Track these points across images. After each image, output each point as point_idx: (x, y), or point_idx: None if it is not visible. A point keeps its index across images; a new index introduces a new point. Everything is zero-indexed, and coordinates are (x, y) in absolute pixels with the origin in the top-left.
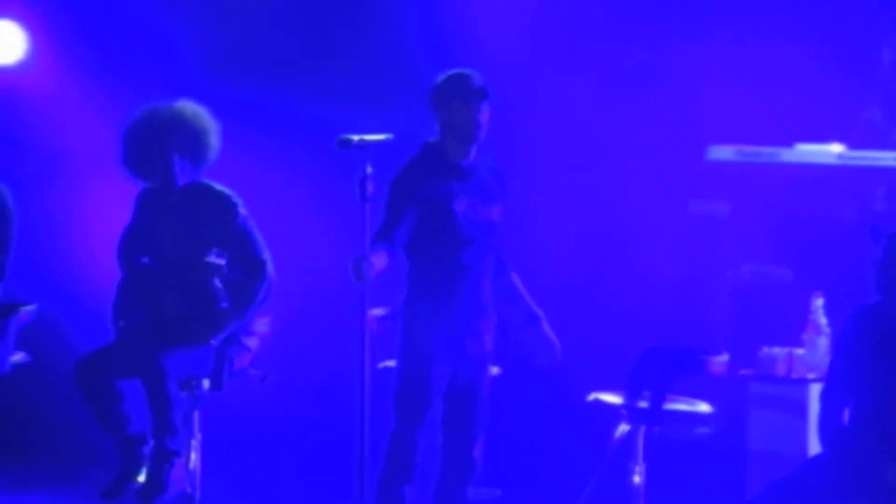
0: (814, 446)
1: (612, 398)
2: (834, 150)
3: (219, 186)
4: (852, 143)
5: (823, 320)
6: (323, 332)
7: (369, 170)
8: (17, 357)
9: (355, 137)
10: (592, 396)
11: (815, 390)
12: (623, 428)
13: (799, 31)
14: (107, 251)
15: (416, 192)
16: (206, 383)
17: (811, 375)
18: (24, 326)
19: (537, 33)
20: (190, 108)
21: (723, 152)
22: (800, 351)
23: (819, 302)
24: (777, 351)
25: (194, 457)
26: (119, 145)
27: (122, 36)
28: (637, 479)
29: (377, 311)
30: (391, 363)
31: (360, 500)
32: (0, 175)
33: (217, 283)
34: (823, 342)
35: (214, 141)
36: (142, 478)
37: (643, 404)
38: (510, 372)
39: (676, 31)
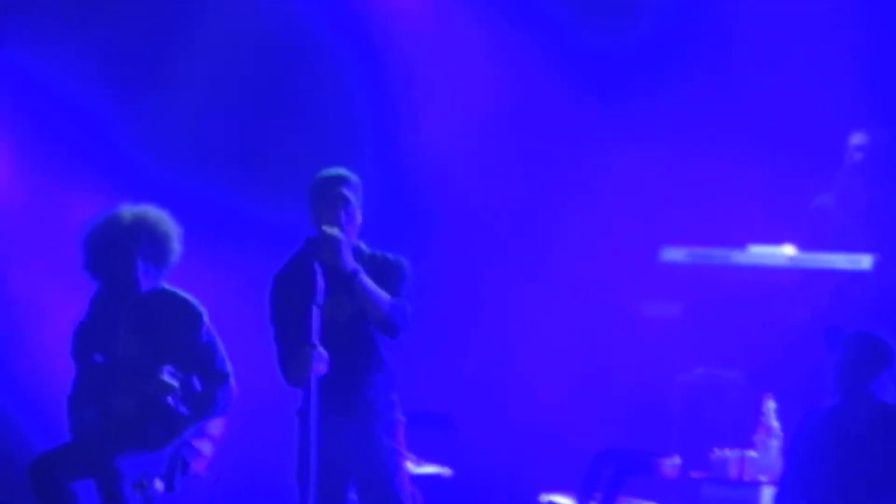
0: None
1: (563, 500)
2: (786, 251)
3: (182, 294)
4: (805, 244)
5: (775, 423)
6: (275, 434)
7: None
8: None
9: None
10: (545, 498)
11: (768, 493)
12: None
13: (753, 129)
14: (62, 347)
15: None
16: (158, 484)
17: (763, 478)
18: None
19: (490, 128)
20: (153, 212)
21: (675, 254)
22: (752, 453)
23: (771, 404)
24: (729, 453)
25: None
26: (80, 248)
27: (73, 132)
28: None
29: None
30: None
31: None
32: None
33: (171, 402)
34: (775, 444)
35: (177, 245)
36: None
37: None
38: (461, 473)
39: (631, 131)
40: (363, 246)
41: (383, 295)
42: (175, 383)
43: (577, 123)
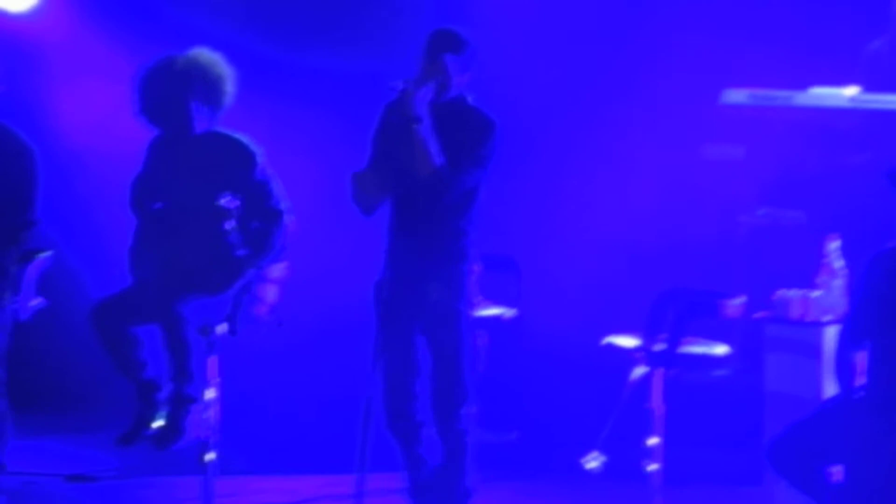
0: (829, 388)
1: (626, 341)
2: (847, 93)
3: (236, 135)
4: (867, 86)
5: (838, 263)
6: (340, 279)
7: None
8: (35, 302)
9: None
10: (606, 340)
11: (830, 333)
12: (639, 371)
13: None
14: (121, 197)
15: None
16: (221, 328)
17: (826, 318)
18: (41, 273)
19: None
20: (206, 55)
21: (736, 96)
22: (815, 293)
23: (834, 245)
24: (792, 293)
25: (211, 403)
26: (135, 93)
27: None
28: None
29: None
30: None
31: (365, 444)
32: (15, 120)
33: (229, 228)
34: (838, 285)
35: (231, 88)
36: (158, 423)
37: (660, 346)
38: (526, 315)
39: None
40: (468, 99)
41: (434, 153)
42: (232, 207)
43: None
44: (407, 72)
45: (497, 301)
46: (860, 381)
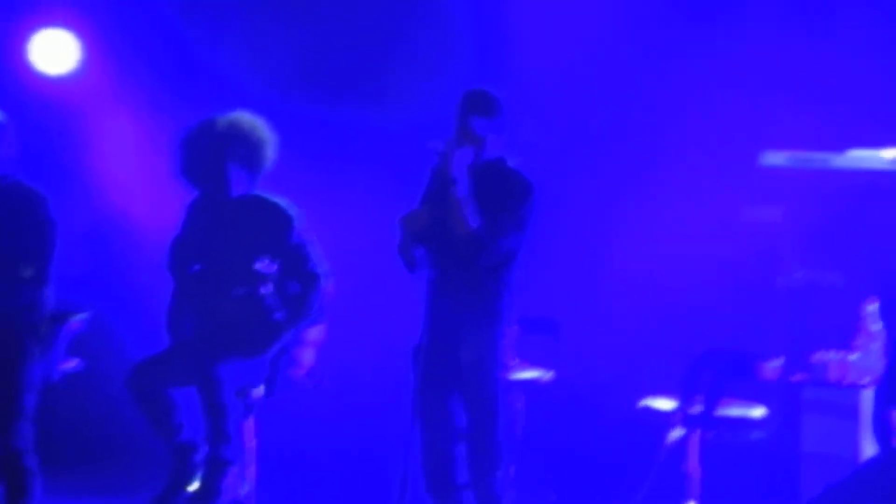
0: (867, 450)
1: (663, 403)
2: (886, 155)
3: (274, 198)
4: None
5: (876, 325)
6: (378, 342)
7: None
8: (70, 364)
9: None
10: (643, 403)
11: (868, 395)
12: (676, 433)
13: (850, 34)
14: (159, 257)
15: None
16: (259, 391)
17: (864, 380)
18: (75, 334)
19: (585, 38)
20: (247, 119)
21: (775, 158)
22: (853, 356)
23: (872, 307)
24: (830, 356)
25: (249, 465)
26: (175, 153)
27: (173, 45)
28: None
29: None
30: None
31: None
32: (51, 184)
33: (267, 291)
34: (876, 347)
35: (271, 152)
36: (194, 486)
37: (697, 409)
38: (563, 378)
39: (729, 36)
40: (507, 161)
41: (470, 216)
42: (269, 271)
43: (677, 27)
44: (443, 126)
45: (534, 363)
46: None
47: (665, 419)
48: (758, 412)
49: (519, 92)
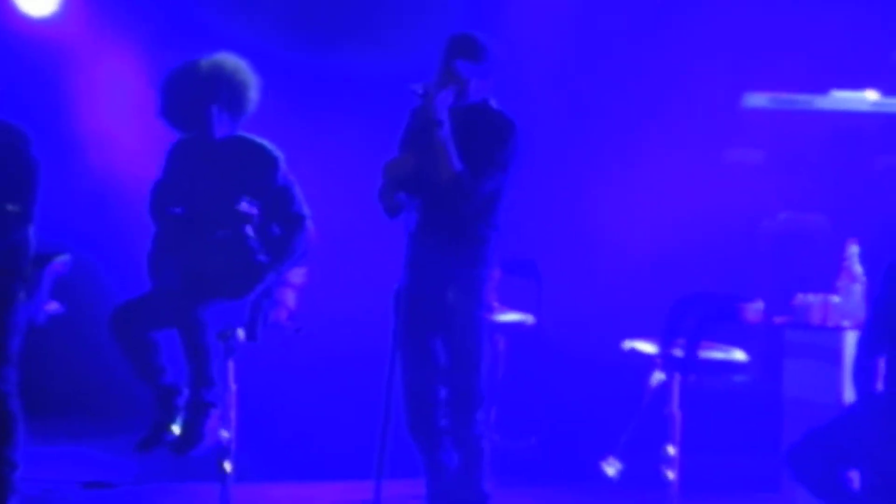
0: (848, 394)
1: (646, 346)
2: (869, 97)
3: (259, 139)
4: (887, 90)
5: (859, 268)
6: (360, 285)
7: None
8: (52, 307)
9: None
10: (627, 345)
11: (850, 338)
12: (658, 376)
13: None
14: (141, 201)
15: None
16: (240, 334)
17: (846, 323)
18: (58, 277)
19: None
20: (231, 60)
21: (758, 100)
22: (835, 298)
23: (854, 249)
24: (812, 298)
25: (229, 409)
26: (158, 95)
27: None
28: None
29: None
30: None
31: (383, 450)
32: (34, 125)
33: (250, 232)
34: (858, 290)
35: (254, 94)
36: (177, 429)
37: (678, 352)
38: (544, 320)
39: None
40: (490, 103)
41: (453, 158)
42: (252, 212)
43: None
44: (430, 74)
45: (516, 307)
46: (879, 386)
47: (648, 362)
48: (740, 355)
49: (508, 38)
